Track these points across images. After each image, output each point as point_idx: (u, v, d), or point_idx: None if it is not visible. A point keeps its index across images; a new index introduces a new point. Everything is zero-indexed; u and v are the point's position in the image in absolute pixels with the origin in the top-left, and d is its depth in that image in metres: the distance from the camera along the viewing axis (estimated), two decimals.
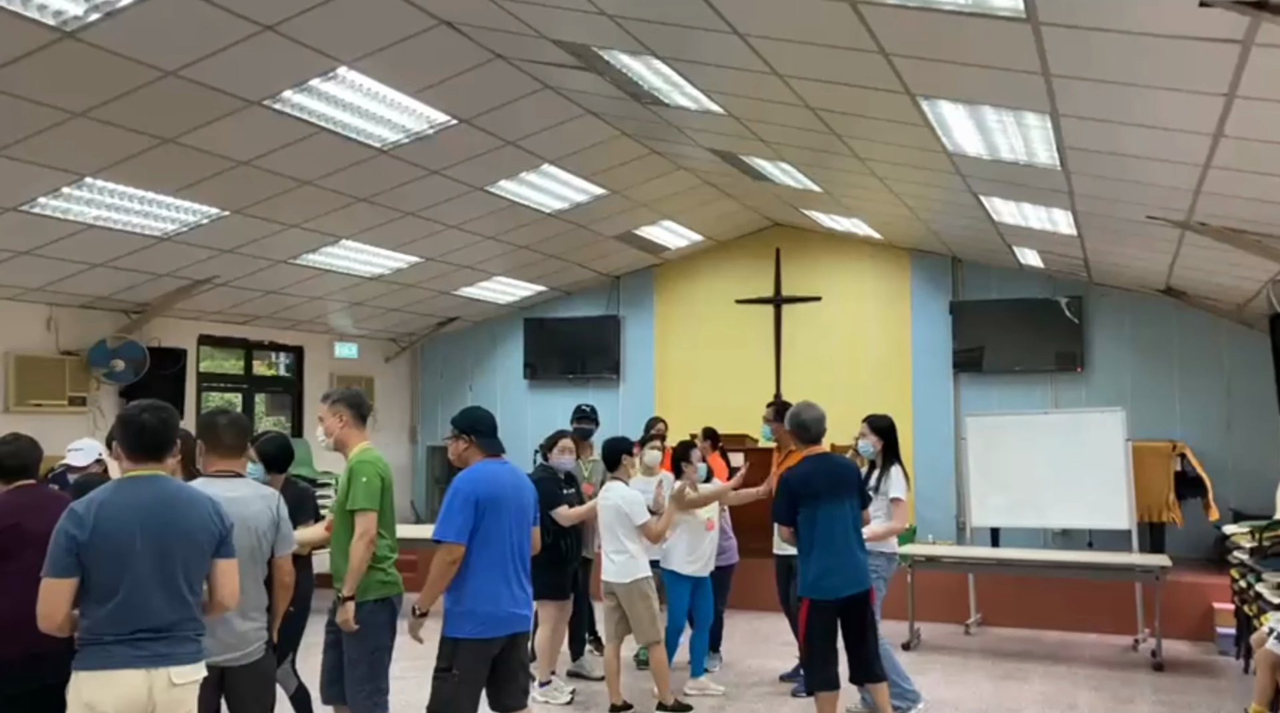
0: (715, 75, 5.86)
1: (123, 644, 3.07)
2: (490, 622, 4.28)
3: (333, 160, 6.97)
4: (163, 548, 3.20)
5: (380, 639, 4.51)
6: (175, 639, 3.19)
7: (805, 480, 5.17)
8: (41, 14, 4.61)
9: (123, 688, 3.07)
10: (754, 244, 11.61)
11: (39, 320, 8.51)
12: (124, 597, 3.10)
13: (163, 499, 3.27)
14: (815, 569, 5.12)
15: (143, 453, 3.31)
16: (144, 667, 3.10)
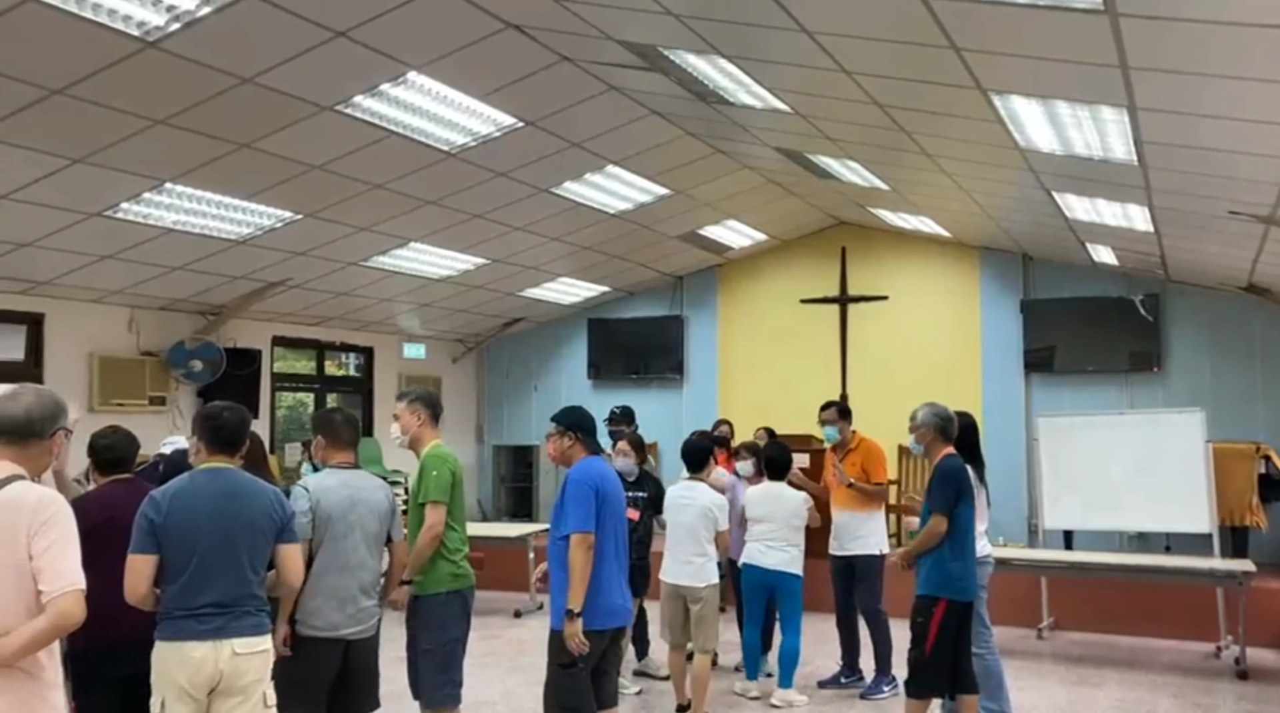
0: (782, 73, 5.83)
1: (190, 618, 3.38)
2: (608, 613, 4.32)
3: (402, 164, 7.08)
4: (228, 532, 3.51)
5: (452, 631, 4.61)
6: (238, 614, 3.47)
7: (963, 474, 5.03)
8: (125, 25, 4.75)
9: (191, 657, 3.39)
10: (819, 243, 11.52)
11: (121, 322, 8.79)
12: (191, 575, 3.41)
13: (231, 489, 3.59)
14: (957, 569, 4.92)
15: (220, 447, 3.66)
16: (209, 639, 3.41)
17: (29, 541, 2.68)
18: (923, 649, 4.90)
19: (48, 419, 2.86)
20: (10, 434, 2.81)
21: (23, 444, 2.82)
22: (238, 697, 3.44)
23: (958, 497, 4.95)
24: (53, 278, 7.85)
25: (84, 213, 6.80)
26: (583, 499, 4.28)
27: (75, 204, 6.65)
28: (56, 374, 8.29)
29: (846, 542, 6.58)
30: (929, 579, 4.96)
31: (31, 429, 2.83)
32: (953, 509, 4.94)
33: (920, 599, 4.98)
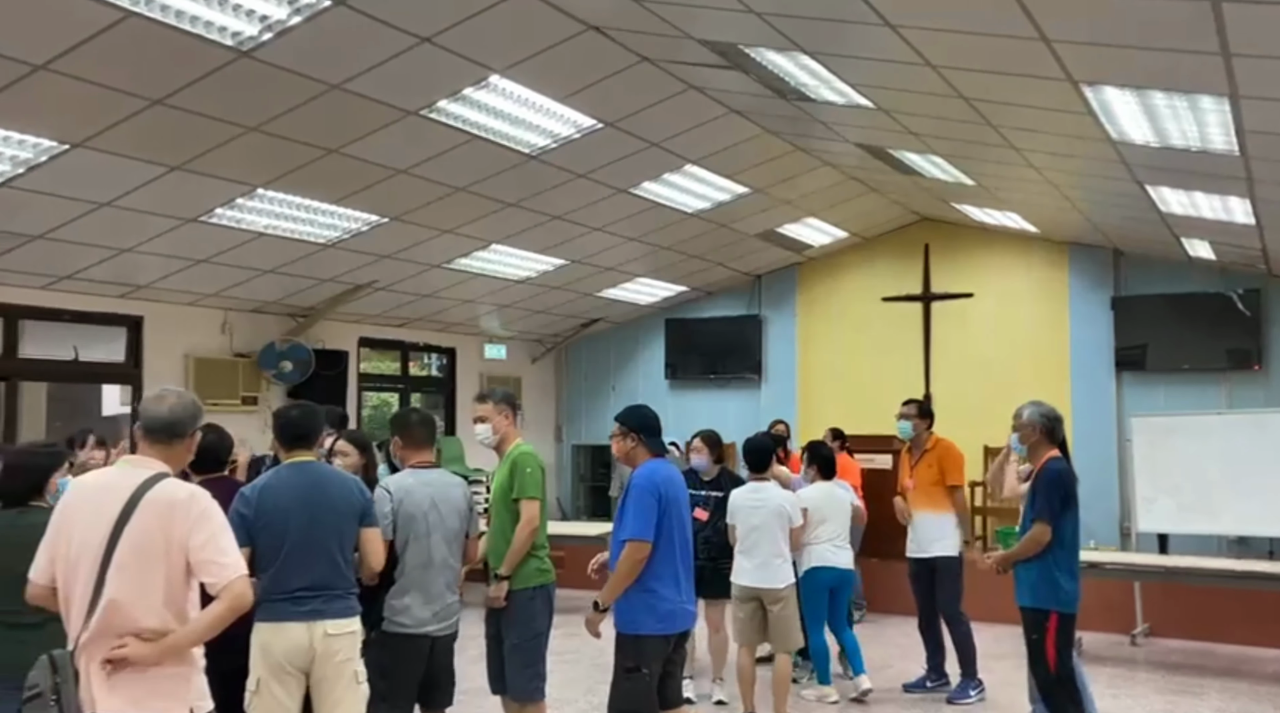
0: (865, 69, 5.75)
1: (285, 601, 3.61)
2: (670, 617, 4.28)
3: (484, 167, 7.17)
4: (315, 520, 3.76)
5: (537, 625, 4.67)
6: (329, 597, 3.73)
7: (1071, 479, 4.79)
8: (221, 35, 4.90)
9: (288, 637, 3.66)
10: (901, 240, 11.35)
11: (215, 324, 9.07)
12: (284, 562, 3.65)
13: (314, 480, 3.86)
14: (1065, 580, 4.67)
15: (293, 443, 3.95)
16: (304, 620, 3.67)
17: (185, 536, 2.84)
18: (1047, 666, 4.64)
19: (189, 419, 3.04)
20: (157, 433, 2.98)
21: (167, 443, 2.99)
22: (331, 675, 3.68)
23: (1063, 504, 4.69)
24: (151, 282, 8.14)
25: (181, 218, 7.03)
26: (644, 507, 4.23)
27: (173, 210, 6.88)
28: (154, 375, 8.60)
29: (926, 544, 6.46)
30: (1036, 591, 4.67)
31: (176, 429, 3.00)
32: (1059, 518, 4.67)
33: (1029, 613, 4.70)
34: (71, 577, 2.85)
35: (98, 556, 2.80)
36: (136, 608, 2.80)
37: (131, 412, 8.63)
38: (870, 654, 7.09)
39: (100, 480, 2.99)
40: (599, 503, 12.56)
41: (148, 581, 2.81)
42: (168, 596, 2.83)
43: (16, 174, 5.88)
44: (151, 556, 2.81)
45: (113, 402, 9.94)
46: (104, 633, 2.78)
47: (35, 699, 2.74)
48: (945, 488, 6.47)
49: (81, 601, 2.81)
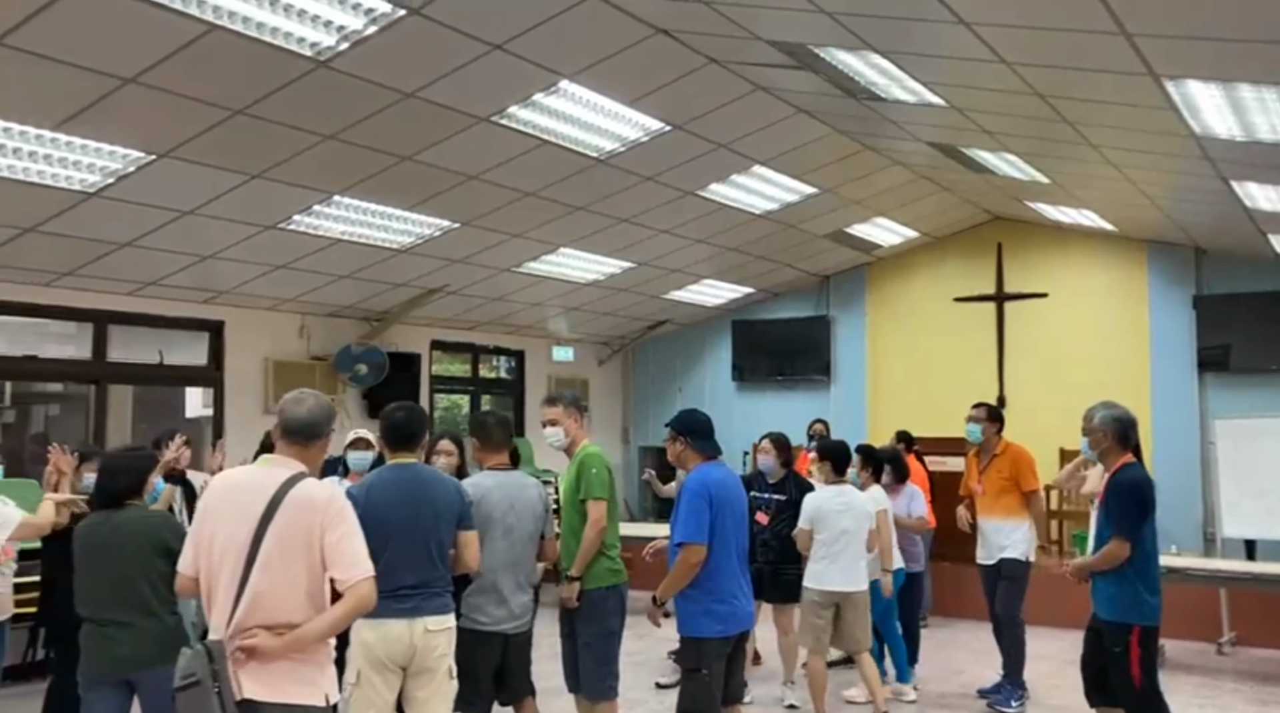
0: (937, 67, 5.68)
1: (387, 599, 3.55)
2: (729, 619, 4.34)
3: (553, 171, 7.24)
4: (418, 521, 3.88)
5: (610, 624, 4.74)
6: (428, 594, 3.85)
7: (1150, 486, 4.59)
8: (300, 46, 5.03)
9: (389, 633, 3.77)
10: (973, 239, 11.17)
11: (293, 328, 9.28)
12: (387, 561, 3.63)
13: (417, 482, 3.98)
14: (1146, 592, 4.48)
15: (397, 444, 4.07)
16: (405, 617, 3.78)
17: (322, 533, 3.02)
18: (1132, 681, 4.46)
19: (325, 421, 3.23)
20: (296, 435, 3.15)
21: (305, 444, 3.16)
22: (428, 670, 3.81)
23: (1141, 514, 4.46)
24: (232, 287, 8.37)
25: (260, 225, 7.22)
26: (695, 510, 4.27)
27: (252, 217, 7.07)
28: (235, 378, 8.85)
29: (995, 550, 6.32)
30: (1116, 604, 4.50)
31: (313, 430, 3.18)
32: (1137, 529, 4.45)
33: (1109, 626, 4.53)
34: (216, 570, 3.03)
35: (243, 550, 2.98)
36: (279, 601, 2.98)
37: (214, 414, 8.89)
38: (942, 659, 7.00)
39: (244, 479, 3.18)
40: (666, 505, 12.52)
41: (290, 575, 2.99)
42: (308, 590, 3.03)
43: (107, 184, 6.09)
44: (294, 551, 3.00)
45: (195, 404, 10.23)
46: (249, 624, 2.97)
47: (194, 687, 2.90)
48: (1019, 494, 6.31)
49: (227, 593, 2.99)
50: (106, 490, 4.10)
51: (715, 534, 4.30)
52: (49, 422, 11.46)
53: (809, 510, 5.78)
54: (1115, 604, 4.50)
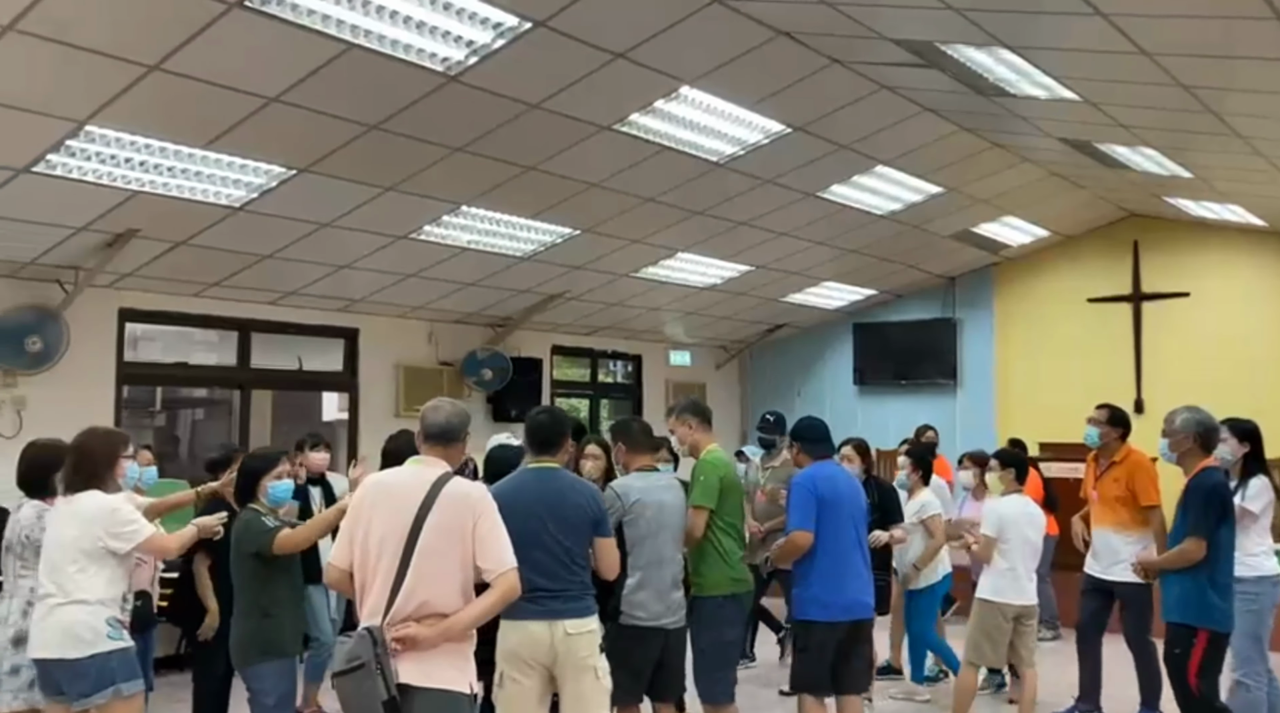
0: (1071, 60, 5.50)
1: (525, 601, 3.67)
2: (836, 608, 4.66)
3: (673, 177, 7.28)
4: (545, 528, 3.95)
5: (726, 634, 4.78)
6: (567, 598, 3.93)
7: (1227, 491, 4.59)
8: (431, 61, 5.20)
9: (529, 634, 3.88)
10: (1107, 238, 10.73)
11: (422, 335, 9.57)
12: (523, 563, 3.69)
13: (553, 488, 4.06)
14: (1218, 598, 4.45)
15: (540, 448, 4.15)
16: (544, 619, 3.87)
17: (473, 526, 3.28)
18: (1188, 686, 4.41)
19: (461, 425, 3.51)
20: (437, 438, 3.45)
21: (446, 446, 3.46)
22: (574, 671, 3.90)
23: (1219, 517, 4.43)
24: (366, 296, 8.68)
25: (392, 236, 7.48)
26: (800, 502, 4.72)
27: (385, 228, 7.32)
28: (369, 383, 9.17)
29: (1106, 564, 5.83)
30: (1184, 607, 4.46)
31: (451, 433, 3.47)
32: (1214, 532, 4.42)
33: (1175, 628, 4.48)
34: (373, 562, 3.27)
35: (401, 543, 3.22)
36: (434, 591, 3.23)
37: (349, 418, 9.24)
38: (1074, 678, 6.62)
39: (396, 478, 3.46)
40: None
41: (445, 566, 3.24)
42: (461, 581, 3.27)
43: (251, 199, 6.41)
44: (449, 543, 3.26)
45: (331, 408, 10.66)
46: (406, 612, 3.19)
47: (360, 669, 3.13)
48: (1136, 508, 5.76)
49: (384, 583, 3.23)
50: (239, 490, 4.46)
51: (824, 526, 4.66)
52: (195, 426, 12.13)
53: (994, 518, 5.57)
54: (1184, 606, 4.48)
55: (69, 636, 3.93)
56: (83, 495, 4.08)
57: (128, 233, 6.52)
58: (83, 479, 4.11)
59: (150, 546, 4.19)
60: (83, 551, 3.99)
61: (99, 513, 4.03)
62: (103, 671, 3.93)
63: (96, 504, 4.06)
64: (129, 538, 4.05)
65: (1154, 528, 5.71)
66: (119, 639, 4.01)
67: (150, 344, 9.21)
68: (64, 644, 3.94)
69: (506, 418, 9.47)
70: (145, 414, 10.93)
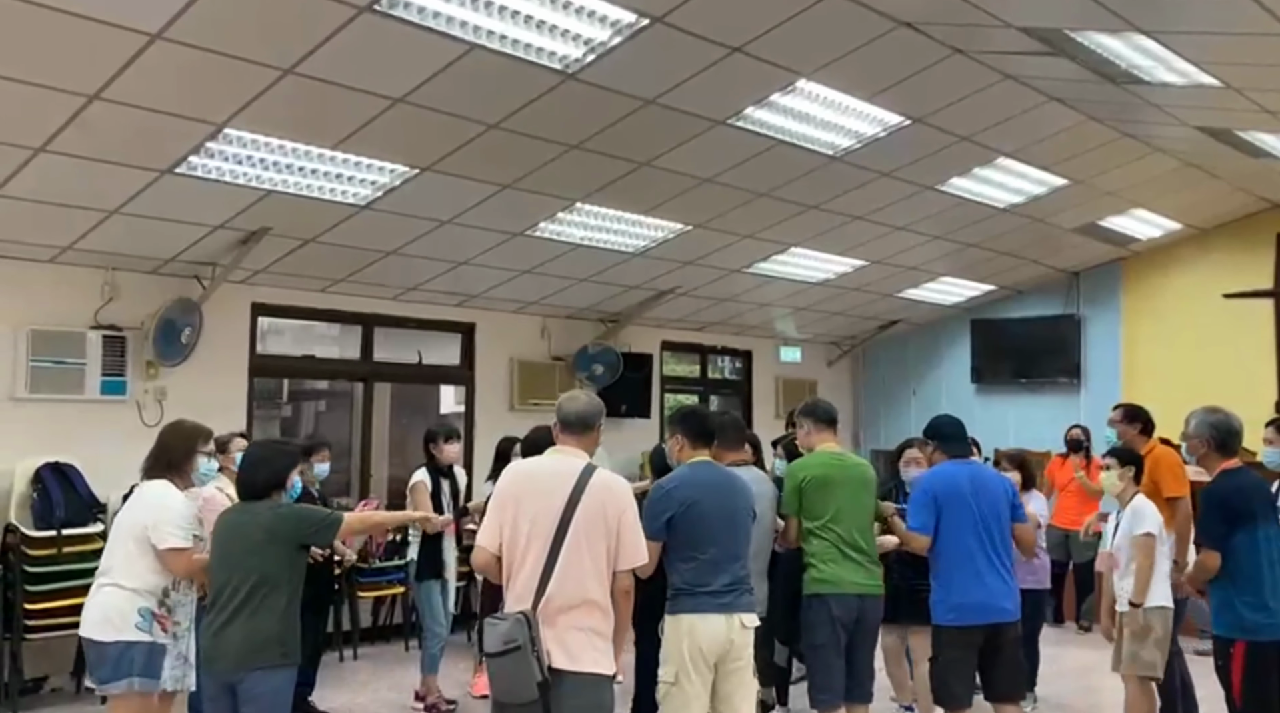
0: (1211, 44, 5.24)
1: (707, 595, 3.94)
2: (964, 610, 4.59)
3: (787, 171, 7.21)
4: (733, 519, 4.12)
5: (813, 637, 4.74)
6: (741, 592, 4.06)
7: (1244, 496, 4.39)
8: (550, 60, 5.27)
9: (711, 628, 3.97)
10: (1246, 230, 10.19)
11: (535, 330, 9.72)
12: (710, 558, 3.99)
13: (726, 481, 4.23)
14: (1247, 607, 4.26)
15: (699, 440, 4.26)
16: (724, 612, 3.97)
17: (620, 515, 3.50)
18: (1234, 700, 4.29)
19: (596, 414, 3.67)
20: (574, 426, 3.62)
21: (582, 433, 3.63)
22: (740, 665, 4.00)
23: (1230, 524, 4.27)
24: (482, 291, 8.86)
25: (509, 233, 7.61)
26: (917, 504, 4.74)
27: (502, 225, 7.47)
28: (485, 377, 9.37)
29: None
30: (1219, 618, 4.38)
31: (588, 422, 3.64)
32: (1226, 540, 4.27)
33: (1216, 640, 4.41)
34: (522, 548, 3.43)
35: (551, 530, 3.39)
36: (583, 574, 3.42)
37: (465, 410, 9.45)
38: None
39: (542, 467, 3.63)
40: None
41: (594, 551, 3.42)
42: (605, 569, 3.45)
43: (376, 197, 6.62)
44: (598, 530, 3.45)
45: (448, 401, 10.91)
46: (559, 595, 3.38)
47: (516, 652, 3.30)
48: (1163, 503, 5.49)
49: (534, 569, 3.40)
50: (246, 483, 4.03)
51: (946, 528, 4.62)
52: (318, 417, 12.58)
53: (1157, 519, 5.17)
54: (1218, 618, 4.37)
55: (102, 617, 4.00)
56: (152, 483, 4.18)
57: (261, 231, 6.81)
58: (159, 469, 4.21)
59: (171, 560, 4.05)
60: (133, 536, 4.05)
61: (153, 502, 4.11)
62: (121, 659, 3.94)
63: (155, 494, 4.13)
64: (162, 537, 4.03)
65: (1177, 521, 5.52)
66: (147, 633, 4.00)
67: (278, 338, 9.59)
68: (96, 625, 4.01)
69: (616, 413, 9.55)
70: (273, 405, 11.37)
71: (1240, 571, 4.29)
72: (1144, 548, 4.98)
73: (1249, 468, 4.60)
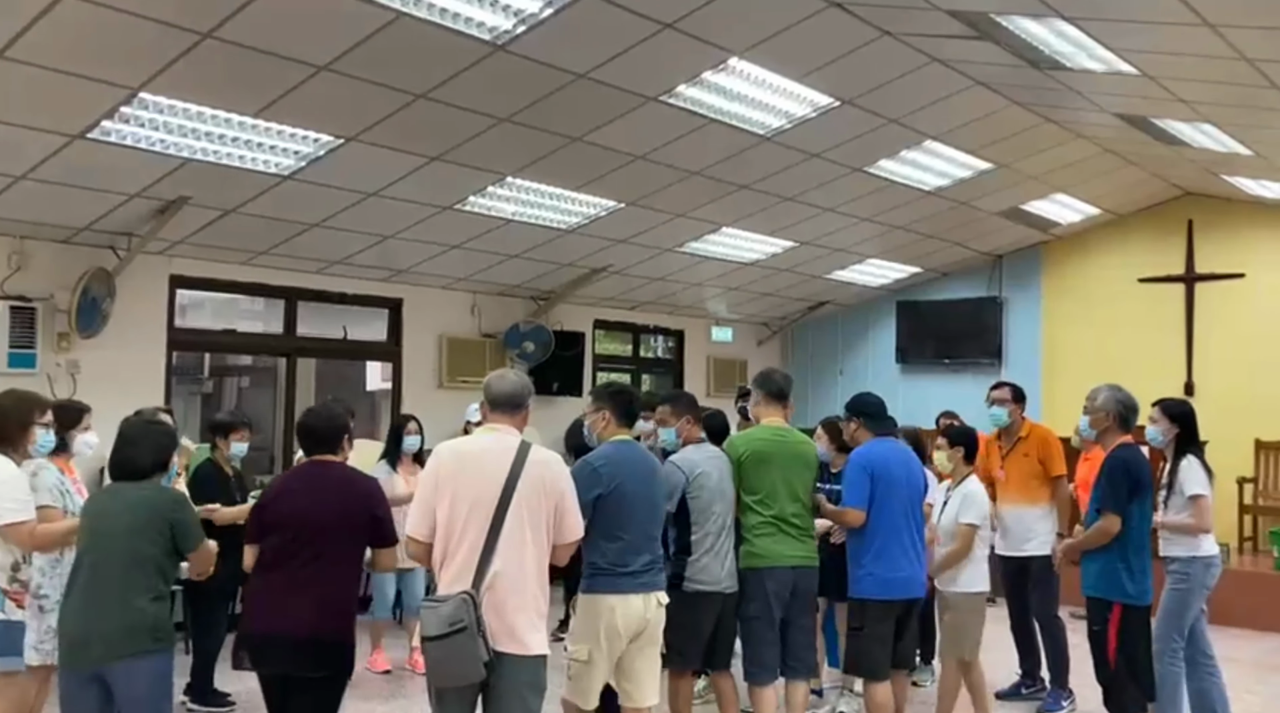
0: (1131, 33, 5.36)
1: (628, 575, 3.98)
2: (890, 585, 4.70)
3: (718, 150, 7.22)
4: (652, 499, 4.17)
5: (744, 608, 4.76)
6: (657, 570, 4.12)
7: (1140, 468, 4.61)
8: (479, 30, 5.18)
9: (630, 608, 3.99)
10: (1161, 216, 10.52)
11: (465, 306, 9.61)
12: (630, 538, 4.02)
13: (645, 461, 4.24)
14: (1128, 572, 4.52)
15: (624, 419, 4.25)
16: (643, 592, 4.01)
17: (559, 494, 3.54)
18: (1107, 659, 4.48)
19: (526, 393, 3.67)
20: (504, 405, 3.62)
21: (513, 412, 3.63)
22: (651, 642, 4.05)
23: (1130, 493, 4.48)
24: (410, 266, 8.73)
25: (438, 206, 7.50)
26: (852, 481, 4.79)
27: (430, 198, 7.35)
28: (413, 354, 9.24)
29: (1019, 542, 5.96)
30: (1099, 582, 4.55)
31: (518, 400, 3.64)
32: (1125, 507, 4.48)
33: (1092, 603, 4.59)
34: (459, 529, 3.38)
35: (491, 509, 3.37)
36: (527, 552, 3.43)
37: (393, 387, 9.32)
38: None
39: (475, 446, 3.60)
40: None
41: (535, 527, 3.47)
42: (546, 545, 3.50)
43: (299, 167, 6.46)
44: (538, 506, 3.47)
45: (374, 378, 10.76)
46: (504, 574, 3.35)
47: (462, 632, 3.25)
48: (1047, 480, 5.98)
49: (472, 549, 3.36)
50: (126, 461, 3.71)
51: (878, 505, 4.69)
52: (241, 393, 12.30)
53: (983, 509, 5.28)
54: (1098, 580, 4.54)
55: None
56: None
57: (179, 200, 6.60)
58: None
59: (12, 535, 3.85)
60: None
61: None
62: None
63: None
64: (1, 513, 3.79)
65: (1059, 499, 5.99)
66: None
67: (199, 311, 9.35)
68: None
69: (548, 391, 9.51)
70: (193, 381, 11.10)
71: (1129, 538, 4.52)
72: (964, 536, 5.13)
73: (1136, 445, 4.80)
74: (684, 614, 4.50)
